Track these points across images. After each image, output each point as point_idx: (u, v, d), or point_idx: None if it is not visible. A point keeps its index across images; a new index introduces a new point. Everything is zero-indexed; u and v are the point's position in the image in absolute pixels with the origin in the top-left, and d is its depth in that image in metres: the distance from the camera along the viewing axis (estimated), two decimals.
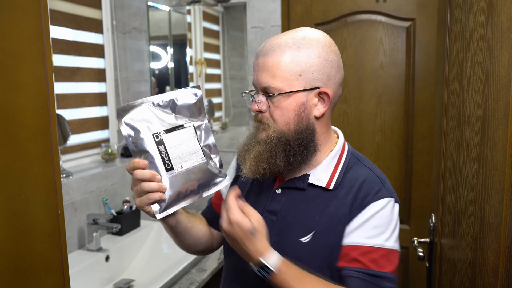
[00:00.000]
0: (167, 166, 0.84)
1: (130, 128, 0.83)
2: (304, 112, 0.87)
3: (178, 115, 0.87)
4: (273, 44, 0.87)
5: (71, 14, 1.93)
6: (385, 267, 0.83)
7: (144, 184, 0.82)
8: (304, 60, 0.85)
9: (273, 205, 0.93)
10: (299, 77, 0.86)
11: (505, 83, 0.71)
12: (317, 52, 0.86)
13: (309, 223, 0.88)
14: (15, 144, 0.65)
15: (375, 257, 0.83)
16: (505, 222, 0.71)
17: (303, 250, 0.87)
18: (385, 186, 0.89)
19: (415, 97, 2.05)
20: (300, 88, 0.86)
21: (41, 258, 0.70)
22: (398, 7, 2.02)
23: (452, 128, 1.03)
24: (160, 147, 0.83)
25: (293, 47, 0.86)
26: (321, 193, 0.90)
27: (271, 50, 0.87)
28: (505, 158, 0.71)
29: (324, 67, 0.87)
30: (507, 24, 0.71)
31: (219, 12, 2.46)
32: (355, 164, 0.94)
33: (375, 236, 0.84)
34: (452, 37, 1.05)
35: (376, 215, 0.85)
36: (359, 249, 0.84)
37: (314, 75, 0.86)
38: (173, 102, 0.87)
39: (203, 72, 2.46)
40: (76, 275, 1.52)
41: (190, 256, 1.68)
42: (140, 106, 0.84)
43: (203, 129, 0.89)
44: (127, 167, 0.84)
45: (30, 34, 0.67)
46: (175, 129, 0.85)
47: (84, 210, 1.77)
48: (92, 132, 2.10)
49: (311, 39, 0.87)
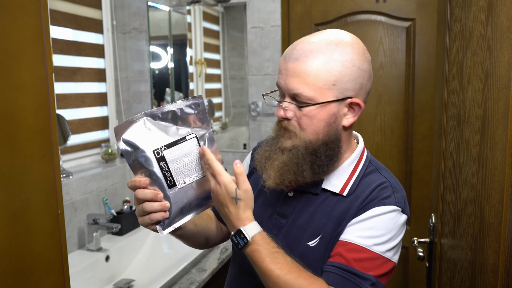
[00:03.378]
0: (169, 183, 0.81)
1: (129, 145, 0.80)
2: (334, 122, 0.84)
3: (180, 127, 0.84)
4: (305, 48, 0.82)
5: (71, 14, 1.93)
6: (370, 270, 0.79)
7: (146, 204, 0.79)
8: (339, 68, 0.80)
9: (284, 208, 0.91)
10: (333, 87, 0.81)
11: (505, 83, 0.71)
12: (352, 60, 0.81)
13: (317, 227, 0.86)
14: (15, 144, 0.65)
15: (361, 257, 0.80)
16: (505, 222, 0.71)
17: (310, 255, 0.85)
18: (396, 195, 0.85)
19: (415, 97, 2.05)
20: (332, 98, 0.82)
21: (41, 258, 0.70)
22: (398, 7, 2.02)
23: (452, 128, 1.03)
24: (162, 164, 0.80)
25: (327, 54, 0.80)
26: (334, 199, 0.88)
27: (303, 55, 0.81)
28: (505, 158, 0.71)
29: (358, 76, 0.82)
30: (507, 24, 0.71)
31: (219, 12, 2.46)
32: (371, 172, 0.90)
33: (366, 237, 0.81)
34: (452, 37, 1.05)
35: (375, 218, 0.82)
36: (346, 245, 0.81)
37: (347, 84, 0.82)
38: (174, 113, 0.83)
39: (203, 72, 2.46)
40: (76, 275, 1.52)
41: (190, 256, 1.68)
42: (139, 121, 0.81)
43: (206, 138, 0.86)
44: (129, 185, 0.81)
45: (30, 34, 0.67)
46: (176, 143, 0.82)
47: (84, 210, 1.77)
48: (92, 132, 2.10)
49: (345, 45, 0.82)
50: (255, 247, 0.78)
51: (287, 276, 0.76)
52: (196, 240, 0.99)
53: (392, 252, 0.83)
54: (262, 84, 2.31)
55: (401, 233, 0.85)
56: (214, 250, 1.83)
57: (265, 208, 0.94)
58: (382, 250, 0.81)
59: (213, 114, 2.53)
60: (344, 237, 0.83)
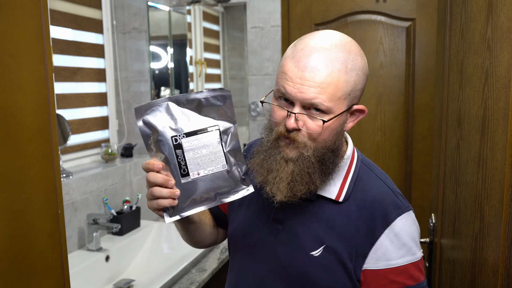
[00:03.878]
0: (182, 171, 0.79)
1: (148, 127, 0.79)
2: (342, 130, 0.84)
3: (204, 116, 0.81)
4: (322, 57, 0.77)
5: (71, 14, 1.93)
6: (419, 278, 0.83)
7: (155, 189, 0.78)
8: (354, 78, 0.79)
9: (279, 213, 0.90)
10: (348, 97, 0.80)
11: (505, 83, 0.71)
12: (362, 68, 0.81)
13: (319, 236, 0.85)
14: (15, 144, 0.65)
15: (411, 273, 0.82)
16: (505, 222, 0.71)
17: (313, 264, 0.84)
18: (400, 199, 0.86)
19: (415, 97, 2.05)
20: (345, 108, 0.80)
21: (41, 258, 0.70)
22: (398, 7, 2.02)
23: (452, 128, 1.03)
24: (178, 151, 0.79)
25: (343, 63, 0.78)
26: (330, 206, 0.86)
27: (322, 65, 0.77)
28: (505, 158, 0.71)
29: (364, 83, 0.83)
30: (507, 24, 0.71)
31: (219, 12, 2.46)
32: (365, 174, 0.89)
33: (405, 254, 0.83)
34: (452, 37, 1.05)
35: (402, 233, 0.83)
36: (393, 271, 0.82)
37: (358, 93, 0.81)
38: (199, 102, 0.81)
39: (203, 72, 2.46)
40: (76, 275, 1.52)
41: (190, 256, 1.68)
42: (163, 104, 0.79)
43: (231, 133, 0.82)
44: (143, 166, 0.79)
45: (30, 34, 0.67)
46: (196, 133, 0.80)
47: (84, 210, 1.77)
48: (92, 132, 2.10)
49: (355, 54, 0.80)
50: None
51: None
52: (197, 236, 0.99)
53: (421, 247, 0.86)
54: (262, 84, 2.31)
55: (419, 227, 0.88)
56: (214, 250, 1.83)
57: (260, 214, 0.93)
58: (419, 253, 0.85)
59: None
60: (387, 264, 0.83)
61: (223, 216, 1.06)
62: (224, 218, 1.06)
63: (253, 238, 0.92)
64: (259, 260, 0.90)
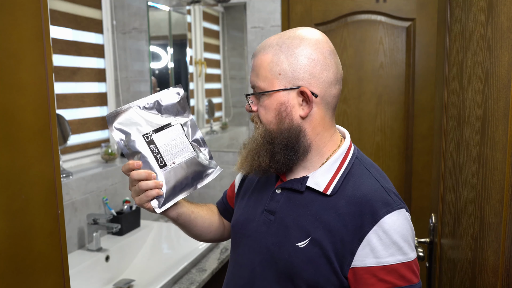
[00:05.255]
0: (160, 163, 0.88)
1: (121, 132, 0.88)
2: (285, 111, 0.87)
3: (164, 115, 0.92)
4: (262, 45, 0.90)
5: (71, 14, 1.93)
6: (412, 279, 0.81)
7: (141, 183, 0.86)
8: (284, 59, 0.86)
9: (272, 204, 0.93)
10: (279, 76, 0.86)
11: (505, 83, 0.71)
12: (299, 50, 0.86)
13: (306, 228, 0.86)
14: (15, 144, 0.65)
15: (401, 273, 0.81)
16: (505, 222, 0.71)
17: (298, 255, 0.85)
18: (392, 197, 0.85)
19: (415, 97, 2.05)
20: (280, 87, 0.86)
21: (41, 258, 0.70)
22: (398, 7, 2.02)
23: (452, 128, 1.03)
24: (152, 146, 0.88)
25: (276, 47, 0.87)
26: (319, 198, 0.88)
27: (258, 51, 0.90)
28: (505, 158, 0.71)
29: (307, 66, 0.85)
30: (507, 24, 0.71)
31: (219, 12, 2.46)
32: (359, 170, 0.90)
33: (395, 253, 0.81)
34: (452, 37, 1.05)
35: (391, 231, 0.81)
36: (383, 269, 0.81)
37: (294, 73, 0.86)
38: (158, 103, 0.92)
39: (203, 72, 2.46)
40: (76, 275, 1.52)
41: (190, 256, 1.68)
42: (128, 110, 0.89)
43: (189, 125, 0.94)
44: (123, 169, 0.88)
45: (30, 34, 0.67)
46: (163, 128, 0.90)
47: (84, 210, 1.77)
48: (92, 132, 2.10)
49: (295, 38, 0.87)
50: None
51: None
52: (194, 229, 1.04)
53: (414, 249, 0.85)
54: None
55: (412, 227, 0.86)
56: (214, 250, 1.83)
57: (257, 205, 0.97)
58: (413, 255, 0.83)
59: (213, 114, 2.53)
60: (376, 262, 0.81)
61: (230, 210, 1.14)
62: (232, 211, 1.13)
63: (249, 228, 0.96)
64: (253, 251, 0.93)
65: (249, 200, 1.00)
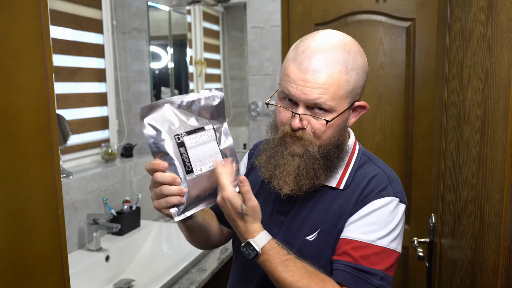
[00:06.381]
0: (187, 168, 0.82)
1: (152, 128, 0.81)
2: (345, 126, 0.88)
3: (199, 117, 0.86)
4: (323, 59, 0.81)
5: (71, 14, 1.93)
6: (377, 264, 0.82)
7: (164, 187, 0.80)
8: (354, 77, 0.83)
9: (283, 205, 0.93)
10: (350, 95, 0.84)
11: (505, 83, 0.71)
12: (362, 67, 0.85)
13: (315, 221, 0.88)
14: (15, 144, 0.65)
15: (367, 253, 0.82)
16: (505, 222, 0.71)
17: (308, 249, 0.87)
18: (392, 185, 0.88)
19: (415, 97, 2.05)
20: (347, 105, 0.85)
21: (41, 258, 0.70)
22: (398, 7, 2.02)
23: (452, 128, 1.03)
24: (181, 149, 0.82)
25: (344, 63, 0.82)
26: (330, 192, 0.90)
27: (323, 67, 0.81)
28: (505, 158, 0.71)
29: (365, 81, 0.87)
30: (507, 24, 0.71)
31: (219, 12, 2.46)
32: (365, 163, 0.93)
33: (370, 232, 0.83)
34: (452, 37, 1.05)
35: (375, 212, 0.84)
36: (351, 243, 0.83)
37: (359, 90, 0.86)
38: (195, 103, 0.86)
39: (203, 72, 2.46)
40: (76, 275, 1.52)
41: (190, 256, 1.68)
42: (163, 106, 0.83)
43: (222, 131, 0.88)
44: (147, 168, 0.81)
45: (30, 34, 0.67)
46: (196, 131, 0.84)
47: (84, 210, 1.77)
48: (92, 132, 2.10)
49: (355, 53, 0.84)
50: (265, 257, 0.81)
51: (299, 283, 0.79)
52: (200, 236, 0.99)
53: (395, 243, 0.85)
54: (262, 84, 2.31)
55: (402, 223, 0.88)
56: (214, 250, 1.83)
57: (265, 206, 0.96)
58: (386, 243, 0.84)
59: None
60: (348, 235, 0.85)
61: None
62: None
63: None
64: None
65: None
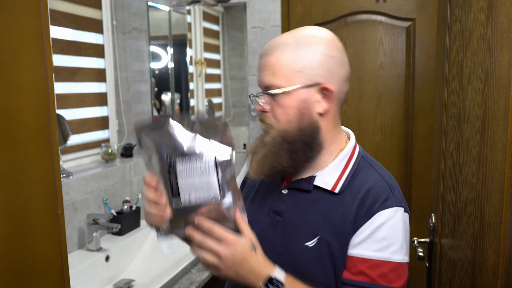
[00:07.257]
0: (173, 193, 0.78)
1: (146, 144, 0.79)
2: (305, 108, 0.86)
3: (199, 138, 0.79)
4: (274, 43, 0.87)
5: (71, 14, 1.93)
6: (395, 281, 0.81)
7: (147, 205, 0.81)
8: (303, 56, 0.84)
9: (279, 205, 0.92)
10: (299, 74, 0.84)
11: (505, 83, 0.71)
12: (317, 48, 0.85)
13: (314, 227, 0.86)
14: (15, 144, 0.65)
15: (384, 271, 0.80)
16: (505, 222, 0.71)
17: (307, 255, 0.85)
18: (394, 194, 0.86)
19: (415, 97, 2.05)
20: (300, 84, 0.85)
21: (41, 258, 0.70)
22: (398, 7, 2.02)
23: (452, 128, 1.03)
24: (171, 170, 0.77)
25: (293, 45, 0.85)
26: (327, 197, 0.88)
27: (271, 50, 0.87)
28: (505, 158, 0.71)
29: (325, 62, 0.85)
30: (507, 24, 0.71)
31: (219, 12, 2.46)
32: (364, 168, 0.91)
33: (383, 248, 0.81)
34: (452, 37, 1.05)
35: (384, 226, 0.82)
36: (366, 262, 0.81)
37: (314, 70, 0.85)
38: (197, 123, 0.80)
39: (203, 72, 2.46)
40: (76, 275, 1.52)
41: (190, 256, 1.68)
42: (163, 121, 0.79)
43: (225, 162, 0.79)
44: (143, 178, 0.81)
45: (30, 34, 0.67)
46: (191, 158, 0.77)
47: (84, 210, 1.77)
48: (92, 132, 2.10)
49: (311, 36, 0.86)
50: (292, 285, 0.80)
51: None
52: None
53: (407, 254, 0.84)
54: None
55: (408, 230, 0.86)
56: None
57: (262, 206, 0.95)
58: (400, 257, 0.82)
59: (213, 114, 2.53)
60: (362, 253, 0.82)
61: None
62: None
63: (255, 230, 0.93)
64: None
65: (252, 203, 0.98)
